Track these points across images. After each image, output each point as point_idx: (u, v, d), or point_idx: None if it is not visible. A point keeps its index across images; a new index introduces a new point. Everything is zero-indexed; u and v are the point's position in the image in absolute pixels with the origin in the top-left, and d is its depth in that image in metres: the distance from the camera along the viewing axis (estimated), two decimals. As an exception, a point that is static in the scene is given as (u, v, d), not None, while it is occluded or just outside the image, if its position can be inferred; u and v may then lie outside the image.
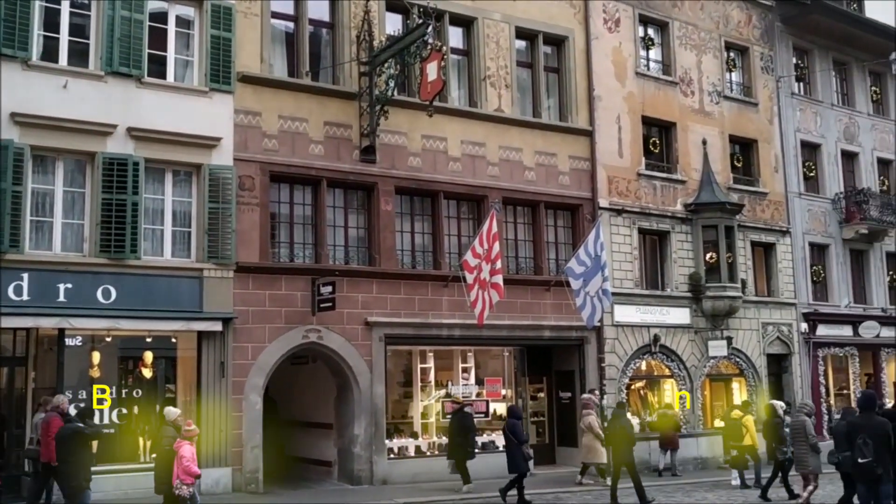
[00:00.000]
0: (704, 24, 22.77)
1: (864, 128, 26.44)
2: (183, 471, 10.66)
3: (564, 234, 19.74)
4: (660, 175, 21.16)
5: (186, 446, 10.78)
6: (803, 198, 24.26)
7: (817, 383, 23.38)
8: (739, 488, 16.91)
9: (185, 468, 10.66)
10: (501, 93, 18.76)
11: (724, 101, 22.80)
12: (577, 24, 20.21)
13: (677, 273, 20.99)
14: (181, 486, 10.65)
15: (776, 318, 22.84)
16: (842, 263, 24.93)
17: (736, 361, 21.88)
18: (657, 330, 20.31)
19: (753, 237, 22.64)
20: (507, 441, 15.13)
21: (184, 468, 10.66)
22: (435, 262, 17.67)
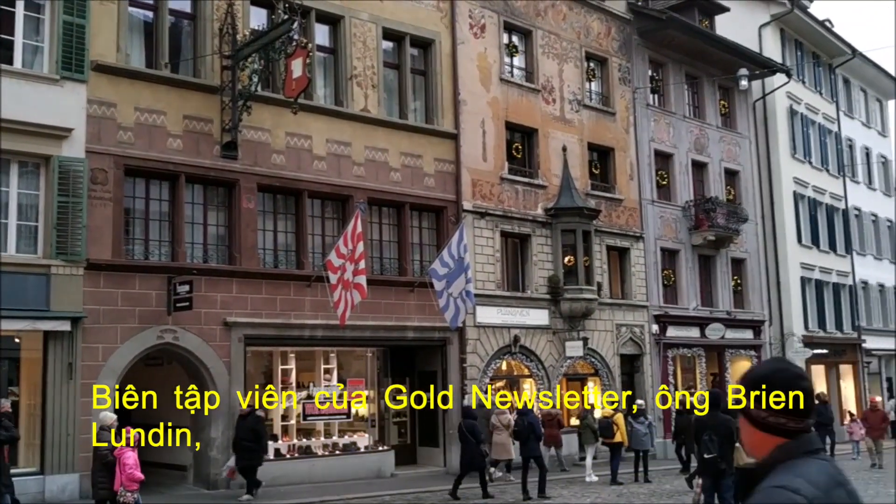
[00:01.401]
0: (566, 34, 23.44)
1: (713, 139, 27.87)
2: (127, 477, 10.52)
3: (429, 236, 19.89)
4: (522, 180, 21.63)
5: (129, 452, 10.60)
6: (656, 205, 25.33)
7: (667, 382, 24.45)
8: (596, 483, 17.49)
9: (129, 475, 10.52)
10: (368, 93, 18.72)
11: (584, 110, 23.53)
12: (444, 28, 20.42)
13: (537, 275, 21.51)
14: (125, 493, 10.51)
15: (629, 319, 23.76)
16: (691, 268, 26.17)
17: (591, 361, 22.61)
18: (517, 331, 20.74)
19: (609, 242, 23.46)
20: (465, 440, 15.40)
21: (128, 475, 10.52)
22: (298, 262, 17.44)
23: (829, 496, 2.26)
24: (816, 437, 2.44)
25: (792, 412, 2.39)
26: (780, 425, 2.39)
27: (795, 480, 2.27)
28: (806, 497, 2.22)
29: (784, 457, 2.37)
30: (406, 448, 19.64)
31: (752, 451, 2.48)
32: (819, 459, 2.37)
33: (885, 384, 35.77)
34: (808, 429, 2.41)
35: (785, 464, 2.34)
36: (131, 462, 10.59)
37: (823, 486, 2.28)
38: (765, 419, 2.42)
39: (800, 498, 2.22)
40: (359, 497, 15.07)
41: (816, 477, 2.30)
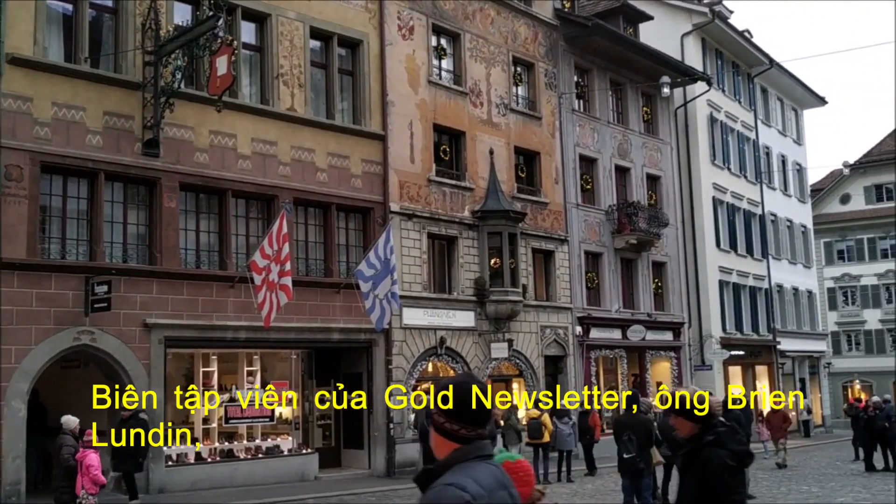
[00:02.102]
0: (494, 38, 23.63)
1: (636, 145, 28.43)
2: (90, 480, 10.42)
3: (355, 237, 19.81)
4: (449, 182, 21.72)
5: (92, 455, 10.47)
6: (580, 209, 25.72)
7: (590, 383, 24.82)
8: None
9: (93, 477, 10.43)
10: (295, 92, 18.55)
11: (511, 114, 23.75)
12: (373, 29, 20.37)
13: (464, 277, 21.62)
14: (87, 496, 10.41)
15: (553, 321, 24.06)
16: (613, 271, 26.65)
17: (516, 363, 22.83)
18: (443, 332, 20.81)
19: (535, 244, 23.72)
20: (425, 439, 15.39)
21: (92, 477, 10.42)
22: (221, 263, 17.17)
23: (491, 496, 2.60)
24: (489, 444, 2.76)
25: (467, 420, 2.72)
26: (454, 431, 2.72)
27: (464, 480, 2.59)
28: (471, 494, 2.54)
29: (458, 459, 2.68)
30: (330, 451, 19.53)
31: (435, 452, 2.78)
32: (488, 464, 2.71)
33: (799, 384, 37.00)
34: (483, 436, 2.72)
35: (458, 465, 2.65)
36: (95, 464, 10.55)
37: (488, 487, 2.61)
38: (442, 425, 2.76)
39: (466, 495, 2.54)
40: (281, 500, 14.92)
41: (483, 479, 2.63)
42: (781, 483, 16.62)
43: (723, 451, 4.42)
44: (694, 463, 4.54)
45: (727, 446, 4.44)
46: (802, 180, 41.84)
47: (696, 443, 4.56)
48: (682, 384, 28.20)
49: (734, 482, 4.36)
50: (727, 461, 4.38)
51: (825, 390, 40.14)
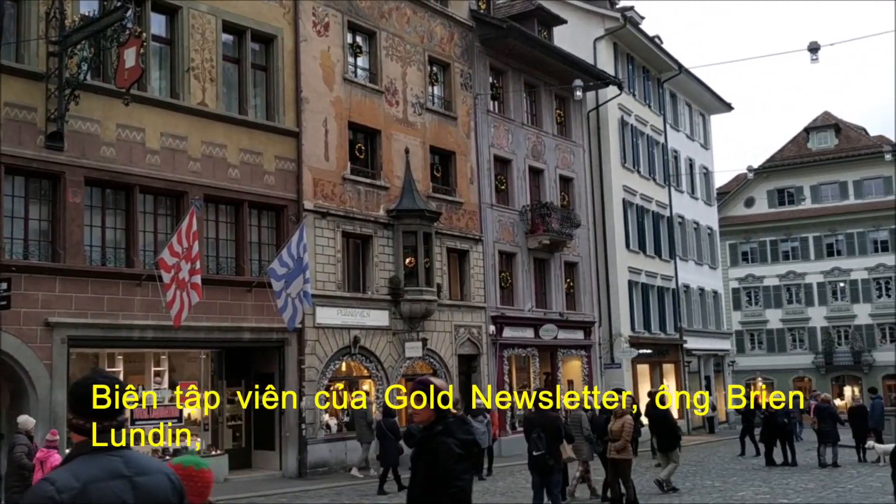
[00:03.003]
0: (410, 37, 23.63)
1: (550, 147, 28.83)
2: None
3: (268, 235, 19.55)
4: (364, 180, 21.63)
5: (56, 455, 10.28)
6: (495, 209, 25.94)
7: (502, 381, 25.08)
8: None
9: None
10: (206, 86, 18.19)
11: (427, 113, 23.80)
12: (287, 25, 20.13)
13: (378, 276, 21.56)
14: None
15: (467, 320, 24.21)
16: (526, 271, 26.96)
17: (430, 362, 22.89)
18: (357, 332, 20.72)
19: (449, 244, 23.82)
20: (384, 437, 16.40)
21: None
22: (128, 260, 16.70)
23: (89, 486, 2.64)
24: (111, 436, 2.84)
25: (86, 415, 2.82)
26: (78, 426, 2.82)
27: (59, 473, 2.70)
28: (56, 487, 2.60)
29: (77, 453, 2.78)
30: (241, 452, 19.22)
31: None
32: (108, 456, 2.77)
33: (704, 382, 38.10)
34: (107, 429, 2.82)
35: (78, 458, 2.75)
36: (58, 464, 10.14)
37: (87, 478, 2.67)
38: (70, 421, 2.88)
39: (51, 489, 2.60)
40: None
41: (85, 471, 2.70)
42: (686, 478, 17.08)
43: (451, 440, 4.64)
44: (426, 450, 4.77)
45: (455, 435, 4.66)
46: (709, 184, 43.12)
47: (429, 432, 4.77)
48: (592, 382, 28.76)
49: (459, 469, 4.57)
50: (454, 449, 4.60)
51: (729, 387, 41.41)
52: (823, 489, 15.51)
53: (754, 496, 14.77)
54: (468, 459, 4.69)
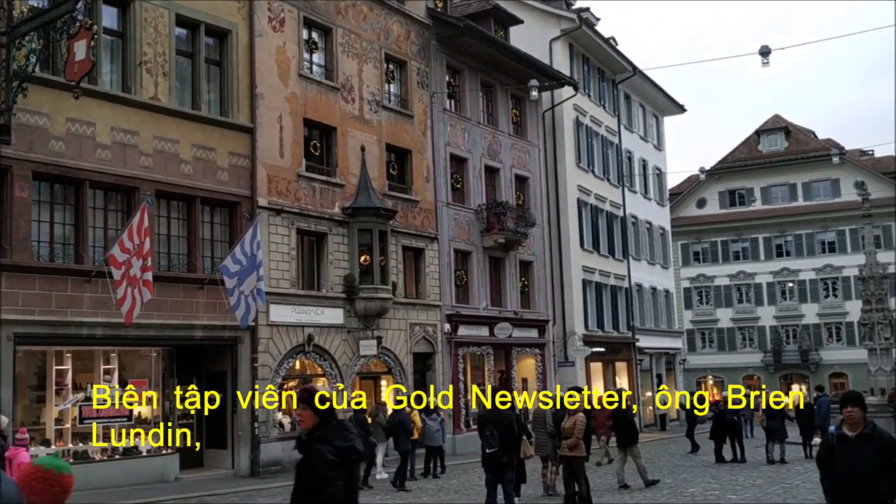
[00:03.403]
0: (367, 34, 23.54)
1: (505, 146, 28.94)
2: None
3: (221, 232, 19.33)
4: (320, 178, 21.50)
5: (24, 453, 10.20)
6: (451, 207, 25.97)
7: (457, 380, 25.12)
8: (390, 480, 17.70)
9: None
10: (158, 81, 17.93)
11: (383, 111, 23.73)
12: (242, 20, 19.92)
13: (333, 274, 21.46)
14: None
15: (423, 318, 24.21)
16: (482, 269, 27.04)
17: (385, 360, 22.85)
18: (311, 329, 20.60)
19: (405, 242, 23.79)
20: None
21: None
22: (77, 256, 16.41)
23: None
24: None
25: None
26: None
27: None
28: None
29: None
30: (192, 451, 18.98)
31: None
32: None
33: (656, 380, 38.57)
34: None
35: None
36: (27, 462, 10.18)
37: None
38: None
39: None
40: (137, 503, 14.39)
41: None
42: (637, 475, 17.24)
43: (325, 447, 4.72)
44: (306, 456, 4.86)
45: (331, 442, 4.73)
46: (662, 184, 43.65)
47: (310, 437, 4.87)
48: (546, 380, 28.93)
49: (331, 475, 4.64)
50: (328, 455, 4.68)
51: (680, 386, 41.96)
52: (771, 485, 15.78)
53: (704, 492, 14.98)
54: (343, 466, 4.73)
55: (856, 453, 5.84)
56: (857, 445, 5.89)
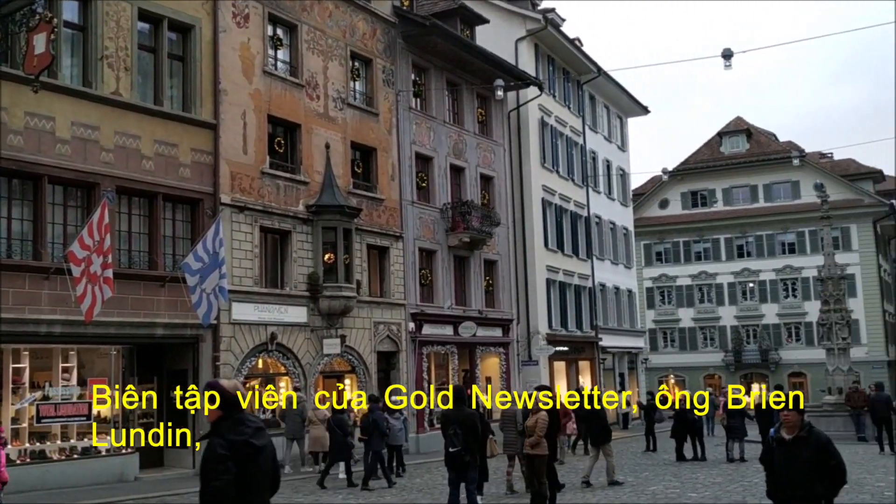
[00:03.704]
0: (332, 31, 23.43)
1: (471, 145, 28.98)
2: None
3: (183, 229, 19.13)
4: (284, 175, 21.36)
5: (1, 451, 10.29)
6: (415, 206, 25.94)
7: (421, 378, 25.11)
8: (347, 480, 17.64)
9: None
10: (120, 75, 17.69)
11: (348, 109, 23.64)
12: (206, 15, 19.73)
13: (297, 272, 21.33)
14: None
15: (387, 317, 24.16)
16: (446, 268, 27.05)
17: (348, 359, 22.77)
18: (274, 328, 20.46)
19: (369, 240, 23.73)
20: (333, 433, 16.80)
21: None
22: (35, 252, 16.13)
23: None
24: None
25: None
26: None
27: None
28: None
29: None
30: (152, 450, 18.74)
31: None
32: None
33: (619, 379, 38.88)
34: None
35: None
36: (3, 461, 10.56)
37: None
38: None
39: None
40: (95, 503, 14.19)
41: None
42: (600, 474, 17.35)
43: (218, 440, 4.74)
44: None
45: (224, 436, 4.75)
46: (625, 185, 43.99)
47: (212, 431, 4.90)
48: (509, 379, 29.03)
49: (218, 469, 4.65)
50: (217, 449, 4.70)
51: (643, 384, 42.33)
52: (730, 483, 15.97)
53: (665, 491, 15.12)
54: (235, 460, 4.70)
55: (792, 456, 5.90)
56: (794, 448, 5.95)
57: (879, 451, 21.47)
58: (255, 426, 4.88)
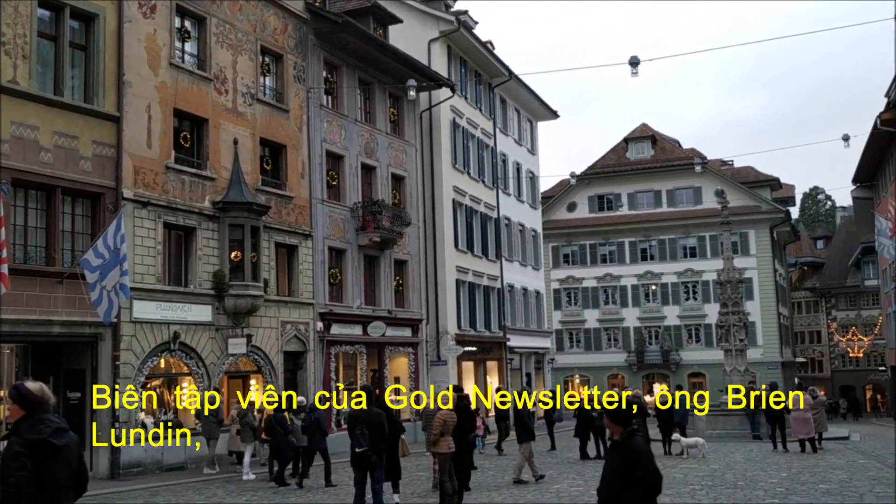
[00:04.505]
0: (242, 25, 23.03)
1: (382, 145, 28.90)
2: None
3: (83, 224, 18.50)
4: (190, 170, 20.89)
5: None
6: (326, 204, 25.72)
7: (328, 379, 24.90)
8: (250, 481, 17.37)
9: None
10: (18, 63, 16.99)
11: (258, 104, 23.28)
12: (110, 4, 19.12)
13: (202, 270, 20.88)
14: None
15: (295, 317, 23.88)
16: (356, 267, 26.91)
17: (254, 359, 22.42)
18: (178, 327, 19.99)
19: (278, 238, 23.42)
20: (275, 433, 16.80)
21: None
22: (-78, 246, 15.35)
23: None
24: None
25: None
26: None
27: None
28: None
29: None
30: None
31: None
32: None
33: (525, 379, 39.36)
34: None
35: None
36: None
37: None
38: None
39: None
40: None
41: None
42: (506, 472, 17.56)
43: (15, 438, 4.82)
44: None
45: (22, 435, 4.83)
46: (534, 188, 44.58)
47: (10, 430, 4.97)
48: (418, 379, 29.07)
49: (13, 466, 4.71)
50: (14, 447, 4.78)
51: (549, 384, 42.97)
52: (631, 480, 16.35)
53: (569, 489, 15.36)
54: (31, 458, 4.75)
55: (610, 459, 5.90)
56: (611, 452, 5.97)
57: (773, 448, 22.31)
58: (55, 426, 4.90)
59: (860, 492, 13.62)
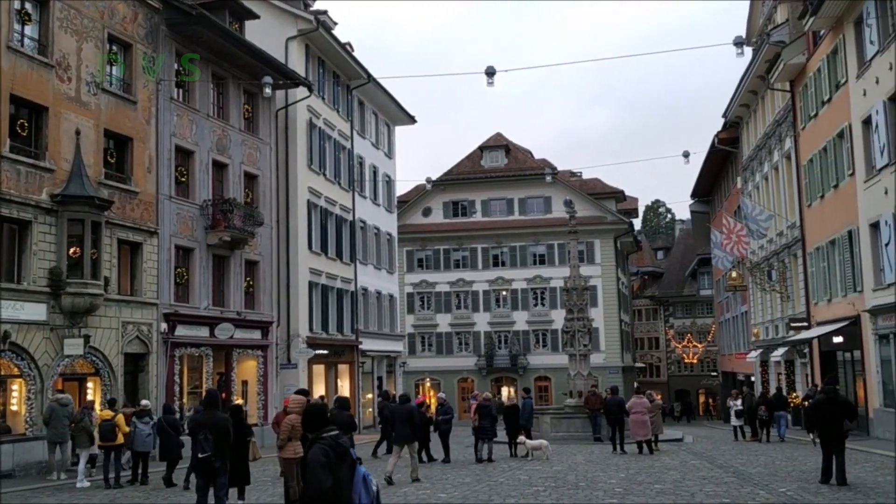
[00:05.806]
0: (89, 11, 21.96)
1: (236, 142, 28.21)
2: None
3: None
4: (26, 160, 19.71)
5: None
6: (173, 201, 24.86)
7: (172, 382, 24.04)
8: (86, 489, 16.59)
9: None
10: None
11: (103, 94, 22.24)
12: (-60, -22, 17.82)
13: (37, 266, 19.74)
14: None
15: (137, 317, 22.94)
16: (204, 267, 26.13)
17: (92, 360, 21.38)
18: (8, 326, 18.80)
19: (121, 235, 22.43)
20: (164, 433, 17.04)
21: None
22: None
23: None
24: None
25: None
26: None
27: None
28: None
29: None
30: None
31: None
32: None
33: (377, 382, 39.35)
34: None
35: None
36: None
37: None
38: None
39: None
40: None
41: None
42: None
43: None
44: None
45: None
46: (391, 191, 44.70)
47: None
48: (267, 383, 28.52)
49: None
50: None
51: (400, 388, 43.10)
52: (478, 483, 16.57)
53: (416, 491, 15.41)
54: None
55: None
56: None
57: (612, 450, 23.16)
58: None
59: (691, 491, 14.32)
